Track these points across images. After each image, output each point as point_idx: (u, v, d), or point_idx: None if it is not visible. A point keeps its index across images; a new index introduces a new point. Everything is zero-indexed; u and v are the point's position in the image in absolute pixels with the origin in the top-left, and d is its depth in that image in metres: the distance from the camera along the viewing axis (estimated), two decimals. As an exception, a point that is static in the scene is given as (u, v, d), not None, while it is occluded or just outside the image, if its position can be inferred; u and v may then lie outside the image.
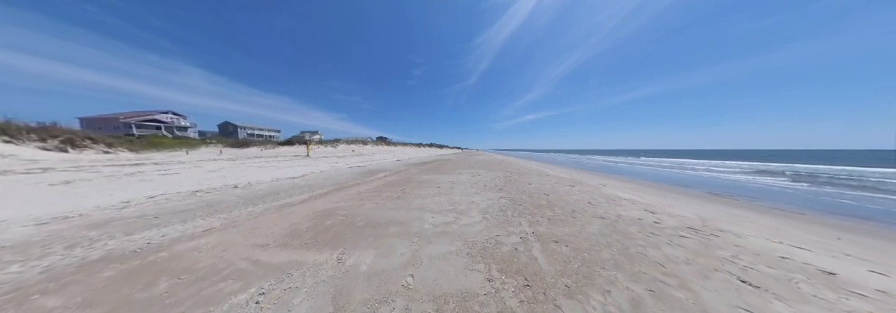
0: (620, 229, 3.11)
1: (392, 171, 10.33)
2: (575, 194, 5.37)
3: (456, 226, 3.13)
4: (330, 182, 7.23)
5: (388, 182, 7.12)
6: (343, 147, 29.21)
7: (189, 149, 19.28)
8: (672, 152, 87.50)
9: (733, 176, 12.94)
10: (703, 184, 9.69)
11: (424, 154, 34.66)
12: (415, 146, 57.76)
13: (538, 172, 10.02)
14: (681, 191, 7.74)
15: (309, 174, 9.16)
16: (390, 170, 11.09)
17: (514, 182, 6.98)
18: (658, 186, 8.71)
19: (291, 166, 11.60)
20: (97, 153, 11.84)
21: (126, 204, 4.28)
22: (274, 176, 8.24)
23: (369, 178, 8.00)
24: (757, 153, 71.61)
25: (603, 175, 11.94)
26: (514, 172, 9.86)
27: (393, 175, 8.97)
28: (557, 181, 7.35)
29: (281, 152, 20.90)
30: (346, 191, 5.73)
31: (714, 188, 8.72)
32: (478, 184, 6.61)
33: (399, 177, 8.12)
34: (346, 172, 9.83)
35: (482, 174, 9.03)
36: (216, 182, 6.74)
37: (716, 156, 41.47)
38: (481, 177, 8.17)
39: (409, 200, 4.60)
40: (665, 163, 23.94)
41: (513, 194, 5.25)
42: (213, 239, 2.67)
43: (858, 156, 49.61)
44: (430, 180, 7.34)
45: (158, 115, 42.74)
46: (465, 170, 10.50)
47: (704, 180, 11.19)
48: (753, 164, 22.15)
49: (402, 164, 14.46)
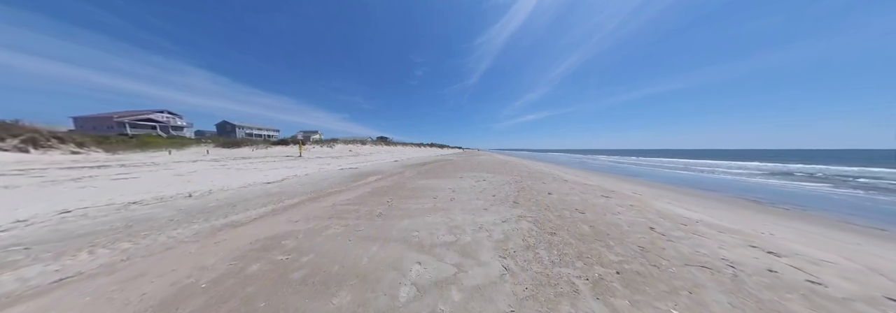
0: (770, 306, 1.70)
1: (385, 174, 9.25)
2: (618, 211, 3.99)
3: (458, 292, 1.80)
4: (308, 188, 6.15)
5: (376, 189, 6.02)
6: (340, 147, 28.19)
7: (178, 149, 18.30)
8: (674, 152, 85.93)
9: (755, 178, 11.76)
10: (737, 189, 8.54)
11: (424, 154, 33.59)
12: (415, 146, 56.71)
13: (553, 176, 8.80)
14: (723, 199, 6.58)
15: (290, 177, 8.09)
16: (384, 172, 10.01)
17: (529, 190, 5.75)
18: (695, 193, 7.53)
19: (275, 168, 10.55)
20: (64, 154, 10.83)
21: (17, 224, 3.21)
22: (247, 180, 7.18)
23: (355, 183, 6.91)
24: (758, 153, 70.20)
25: (624, 179, 10.72)
26: (524, 176, 8.67)
27: (385, 179, 7.88)
28: (582, 189, 6.03)
29: (272, 152, 19.89)
30: (320, 201, 4.64)
31: (753, 194, 7.58)
32: (484, 193, 5.41)
33: (390, 183, 7.03)
34: (332, 175, 8.75)
35: (488, 178, 7.88)
36: (173, 189, 5.67)
37: (718, 157, 40.32)
38: (487, 182, 7.03)
39: (393, 220, 3.46)
40: (672, 164, 22.73)
41: (535, 212, 3.93)
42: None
43: (859, 155, 49.10)
44: (426, 187, 6.23)
45: (153, 115, 41.90)
46: (467, 173, 9.39)
47: (731, 184, 10.03)
48: (764, 165, 20.91)
49: (399, 166, 13.39)
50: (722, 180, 11.16)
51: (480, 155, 37.33)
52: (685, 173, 14.24)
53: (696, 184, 9.83)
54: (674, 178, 11.62)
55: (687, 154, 59.58)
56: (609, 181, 8.77)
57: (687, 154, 59.58)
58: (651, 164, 22.48)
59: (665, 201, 5.08)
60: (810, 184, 9.84)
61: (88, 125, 39.01)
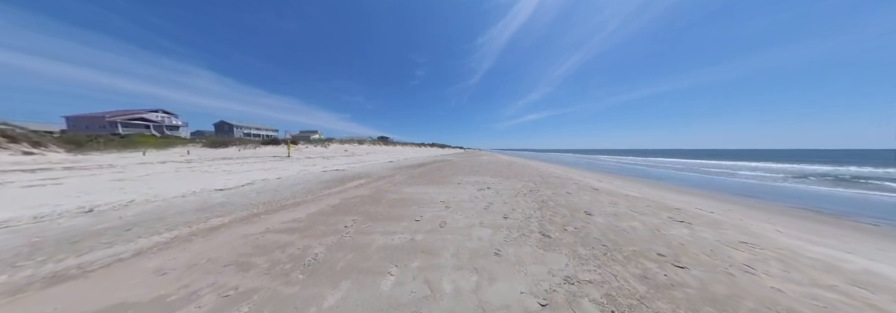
0: None
1: (371, 178, 7.87)
2: (749, 265, 2.23)
3: None
4: (262, 198, 4.79)
5: (347, 201, 4.63)
6: (335, 146, 26.90)
7: (160, 149, 17.12)
8: (677, 152, 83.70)
9: (788, 183, 10.23)
10: (789, 197, 7.08)
11: (423, 154, 32.21)
12: (415, 146, 55.40)
13: (575, 183, 7.13)
14: (798, 214, 5.09)
15: (256, 182, 6.76)
16: (371, 175, 8.64)
17: (554, 206, 4.04)
18: (762, 206, 6.07)
19: (249, 171, 9.23)
20: (13, 154, 9.60)
21: None
22: (199, 186, 5.85)
23: (327, 191, 5.53)
24: (761, 153, 68.28)
25: (659, 185, 8.94)
26: (538, 182, 7.10)
27: (367, 185, 6.50)
28: (629, 204, 4.28)
29: (260, 152, 18.63)
30: (252, 224, 3.25)
31: (813, 204, 6.12)
32: (491, 211, 3.75)
33: (370, 190, 5.63)
34: (309, 179, 7.40)
35: (493, 185, 6.39)
36: (82, 200, 4.35)
37: (722, 157, 38.81)
38: (492, 191, 5.52)
39: (327, 278, 1.93)
40: (683, 165, 21.13)
41: (591, 265, 2.17)
42: None
43: (861, 155, 48.34)
44: (411, 198, 4.81)
45: (147, 114, 41.04)
46: (467, 178, 7.98)
47: (777, 191, 8.56)
48: (778, 166, 19.26)
49: (392, 167, 12.02)
50: (759, 186, 9.66)
51: (482, 155, 35.89)
52: (705, 176, 12.72)
53: (742, 191, 8.32)
54: (706, 184, 10.14)
55: (691, 154, 57.80)
56: (649, 190, 7.09)
57: (691, 154, 57.80)
58: (663, 165, 20.91)
59: (764, 224, 3.63)
60: (862, 191, 8.34)
61: (81, 124, 38.26)
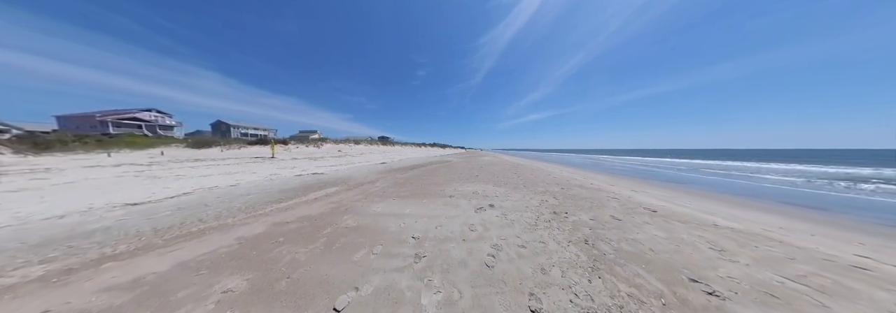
0: None
1: (346, 186, 6.42)
2: None
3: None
4: (172, 219, 3.36)
5: (279, 227, 3.17)
6: (328, 147, 25.54)
7: (136, 150, 15.86)
8: (682, 152, 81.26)
9: (850, 193, 8.66)
10: (863, 210, 5.55)
11: (422, 154, 30.74)
12: (415, 146, 54.01)
13: (611, 196, 5.31)
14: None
15: (198, 191, 5.35)
16: (349, 181, 7.19)
17: (615, 257, 2.35)
18: (839, 222, 4.56)
19: (208, 175, 7.85)
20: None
21: None
22: (117, 198, 4.47)
23: (273, 207, 4.08)
24: (765, 153, 66.22)
25: (712, 195, 7.30)
26: (558, 194, 5.36)
27: (331, 197, 5.04)
28: (736, 244, 2.77)
29: (244, 153, 17.29)
30: (90, 278, 1.85)
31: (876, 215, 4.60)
32: (498, 273, 2.04)
33: (326, 208, 4.14)
34: (266, 189, 5.96)
35: (497, 200, 4.73)
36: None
37: (729, 157, 37.18)
38: (498, 212, 3.88)
39: None
40: (696, 167, 19.45)
41: None
42: None
43: (862, 155, 47.29)
44: (373, 226, 3.25)
45: (140, 114, 40.03)
46: (463, 186, 6.50)
47: (836, 200, 7.02)
48: (796, 168, 17.55)
49: (381, 170, 10.58)
50: (821, 196, 8.09)
51: (484, 155, 34.34)
52: (739, 181, 11.14)
53: (808, 201, 6.76)
54: (752, 191, 8.59)
55: (696, 154, 55.83)
56: (711, 205, 5.42)
57: (696, 154, 55.83)
58: (677, 167, 19.24)
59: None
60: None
61: (71, 124, 37.35)
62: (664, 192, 6.97)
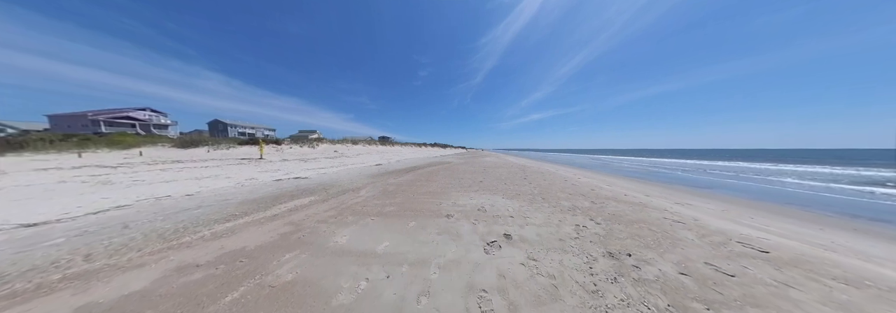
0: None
1: (323, 195, 5.34)
2: None
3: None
4: (53, 254, 2.32)
5: (177, 274, 2.13)
6: (324, 147, 24.53)
7: (116, 150, 14.88)
8: (688, 152, 79.62)
9: (876, 201, 7.54)
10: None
11: (421, 155, 29.67)
12: (416, 146, 52.99)
13: (663, 214, 4.01)
14: None
15: (137, 204, 4.30)
16: (330, 189, 6.11)
17: None
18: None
19: (173, 180, 6.82)
20: None
21: None
22: (17, 214, 3.42)
23: (199, 235, 2.95)
24: (771, 153, 64.90)
25: (766, 207, 6.28)
26: (598, 214, 3.89)
27: (296, 213, 3.96)
28: None
29: (232, 153, 16.27)
30: None
31: None
32: None
33: (278, 235, 3.06)
34: (224, 200, 4.88)
35: (514, 228, 3.30)
36: None
37: (738, 158, 36.00)
38: (522, 249, 2.57)
39: None
40: (711, 168, 18.28)
41: None
42: None
43: (864, 155, 46.59)
44: (317, 287, 2.07)
45: (134, 113, 39.20)
46: (466, 198, 5.39)
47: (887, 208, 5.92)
48: (828, 171, 16.36)
49: (373, 173, 9.51)
50: (873, 205, 6.97)
51: (486, 156, 33.23)
52: (755, 184, 10.02)
53: (861, 211, 5.66)
54: (794, 199, 7.48)
55: (704, 155, 54.44)
56: (796, 225, 4.27)
57: (704, 155, 54.44)
58: (693, 169, 18.06)
59: None
60: None
61: (63, 123, 36.60)
62: (712, 204, 5.79)
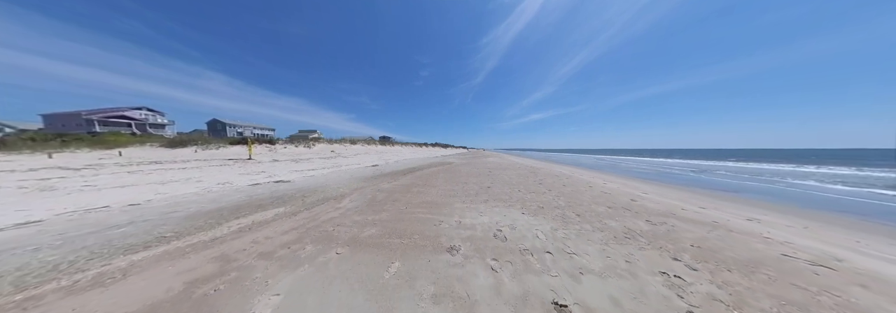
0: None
1: (297, 207, 4.40)
2: None
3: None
4: None
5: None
6: (321, 147, 23.65)
7: (99, 150, 14.05)
8: (693, 153, 77.90)
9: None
10: None
11: (421, 155, 28.71)
12: (416, 145, 52.08)
13: (767, 243, 2.86)
14: None
15: (42, 221, 3.38)
16: (311, 197, 5.18)
17: None
18: None
19: (133, 185, 5.92)
20: None
21: None
22: None
23: (84, 275, 2.05)
24: (775, 153, 63.48)
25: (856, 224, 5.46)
26: (671, 242, 2.82)
27: (245, 235, 3.02)
28: None
29: (220, 154, 15.40)
30: None
31: None
32: None
33: (192, 279, 2.16)
34: (163, 213, 3.94)
35: (555, 263, 2.26)
36: None
37: (744, 158, 34.84)
38: None
39: None
40: (718, 168, 17.16)
41: None
42: None
43: (866, 155, 45.42)
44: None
45: (129, 112, 38.52)
46: (475, 210, 4.41)
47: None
48: (852, 173, 15.21)
49: (367, 176, 8.58)
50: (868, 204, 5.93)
51: (488, 156, 32.19)
52: (797, 190, 8.98)
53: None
54: (844, 206, 6.46)
55: (710, 155, 53.16)
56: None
57: (710, 155, 53.16)
58: (699, 169, 16.97)
59: None
60: None
61: (57, 123, 35.97)
62: (785, 218, 4.66)
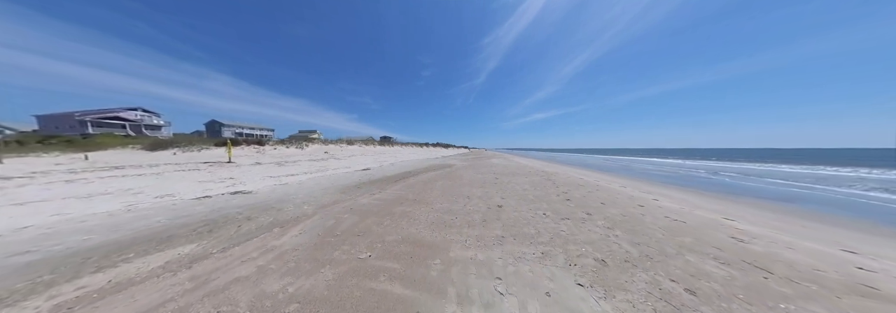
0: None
1: (202, 252, 3.03)
2: None
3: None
4: None
5: None
6: (314, 147, 22.39)
7: (68, 152, 12.89)
8: (699, 152, 75.60)
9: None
10: None
11: (420, 156, 27.32)
12: (417, 145, 50.74)
13: None
14: None
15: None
16: (257, 220, 3.78)
17: None
18: None
19: (38, 201, 4.60)
20: None
21: None
22: None
23: None
24: (778, 153, 61.53)
25: None
26: None
27: (97, 304, 1.69)
28: None
29: (198, 156, 14.15)
30: None
31: None
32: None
33: None
34: (116, 226, 2.62)
35: None
36: None
37: (749, 158, 33.12)
38: None
39: None
40: (729, 169, 15.54)
41: None
42: None
43: (865, 155, 44.20)
44: None
45: (124, 113, 37.68)
46: (486, 269, 3.05)
47: None
48: (877, 176, 13.51)
49: (352, 183, 7.18)
50: None
51: (491, 157, 30.65)
52: (850, 198, 7.44)
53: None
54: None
55: (719, 154, 51.16)
56: None
57: (719, 154, 51.16)
58: (724, 172, 15.33)
59: None
60: None
61: (51, 124, 35.23)
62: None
